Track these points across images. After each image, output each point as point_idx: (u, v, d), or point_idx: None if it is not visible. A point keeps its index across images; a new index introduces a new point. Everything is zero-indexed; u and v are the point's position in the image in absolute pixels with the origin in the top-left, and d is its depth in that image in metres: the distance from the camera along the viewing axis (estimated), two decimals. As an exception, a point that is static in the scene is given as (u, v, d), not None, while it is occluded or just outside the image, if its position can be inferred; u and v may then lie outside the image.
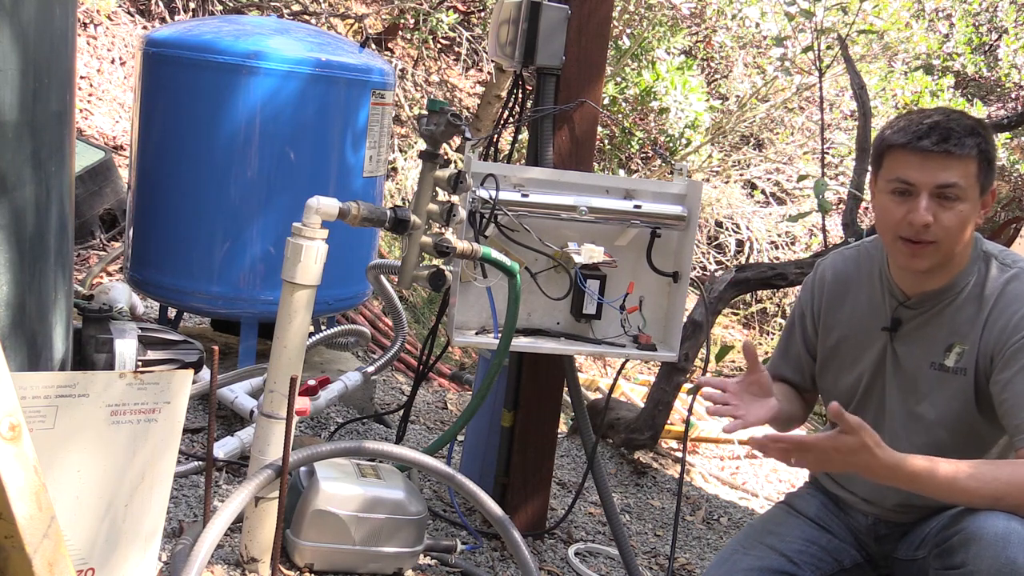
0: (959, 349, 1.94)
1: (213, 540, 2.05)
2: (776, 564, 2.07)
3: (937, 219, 1.87)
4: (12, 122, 1.86)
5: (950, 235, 1.88)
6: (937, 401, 1.97)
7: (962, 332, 1.94)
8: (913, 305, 2.01)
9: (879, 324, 2.05)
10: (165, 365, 2.64)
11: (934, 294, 1.98)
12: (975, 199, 1.89)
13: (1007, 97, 10.43)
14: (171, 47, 3.36)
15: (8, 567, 1.33)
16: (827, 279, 2.17)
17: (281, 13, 7.11)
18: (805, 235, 9.35)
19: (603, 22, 2.89)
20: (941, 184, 1.86)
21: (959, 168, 1.86)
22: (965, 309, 1.95)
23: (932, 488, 1.77)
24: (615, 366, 6.94)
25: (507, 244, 2.69)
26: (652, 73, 8.32)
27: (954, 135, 1.85)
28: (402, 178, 7.59)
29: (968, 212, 1.88)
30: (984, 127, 1.89)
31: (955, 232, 1.88)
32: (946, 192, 1.86)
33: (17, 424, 1.32)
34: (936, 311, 1.98)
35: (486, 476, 3.02)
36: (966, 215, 1.88)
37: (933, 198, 1.87)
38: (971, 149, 1.86)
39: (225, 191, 3.34)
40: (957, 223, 1.88)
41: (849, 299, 2.12)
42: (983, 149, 1.88)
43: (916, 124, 1.89)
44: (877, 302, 2.07)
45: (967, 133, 1.86)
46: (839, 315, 2.14)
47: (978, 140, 1.87)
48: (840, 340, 2.13)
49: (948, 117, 1.89)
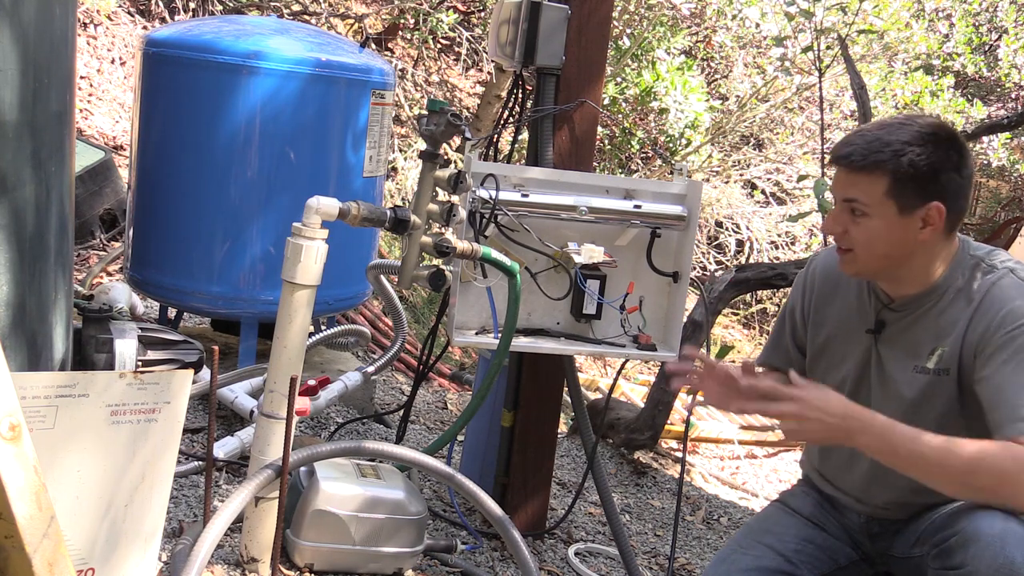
0: (941, 351, 1.94)
1: (213, 540, 2.05)
2: (774, 564, 2.08)
3: (847, 231, 1.93)
4: (12, 122, 1.86)
5: (861, 246, 1.92)
6: (921, 404, 1.97)
7: (945, 334, 1.94)
8: (897, 308, 2.01)
9: (864, 326, 2.06)
10: (165, 365, 2.64)
11: (915, 298, 1.97)
12: (889, 215, 1.88)
13: (1007, 97, 10.43)
14: (171, 47, 3.36)
15: (8, 567, 1.33)
16: (818, 276, 2.18)
17: (281, 13, 7.11)
18: (805, 235, 9.35)
19: (603, 22, 2.89)
20: (846, 199, 1.92)
21: (863, 185, 1.88)
22: (948, 313, 1.94)
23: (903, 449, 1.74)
24: (615, 366, 6.94)
25: (507, 244, 2.69)
26: (652, 73, 8.32)
27: (870, 153, 1.86)
28: (402, 178, 7.59)
29: (880, 227, 1.89)
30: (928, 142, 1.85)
31: (865, 244, 1.92)
32: (852, 207, 1.91)
33: (17, 424, 1.32)
34: (919, 314, 1.98)
35: (486, 476, 3.03)
36: (877, 230, 1.89)
37: (845, 211, 1.93)
38: (882, 166, 1.85)
39: (225, 191, 3.34)
40: (865, 237, 1.91)
41: (838, 298, 2.13)
42: (895, 167, 1.84)
43: (849, 138, 1.94)
44: (863, 303, 2.08)
45: (889, 150, 1.85)
46: (828, 313, 2.14)
47: (901, 158, 1.84)
48: (828, 338, 2.14)
49: (879, 132, 1.89)
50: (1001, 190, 10.99)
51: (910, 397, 1.98)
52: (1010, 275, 1.90)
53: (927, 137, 1.86)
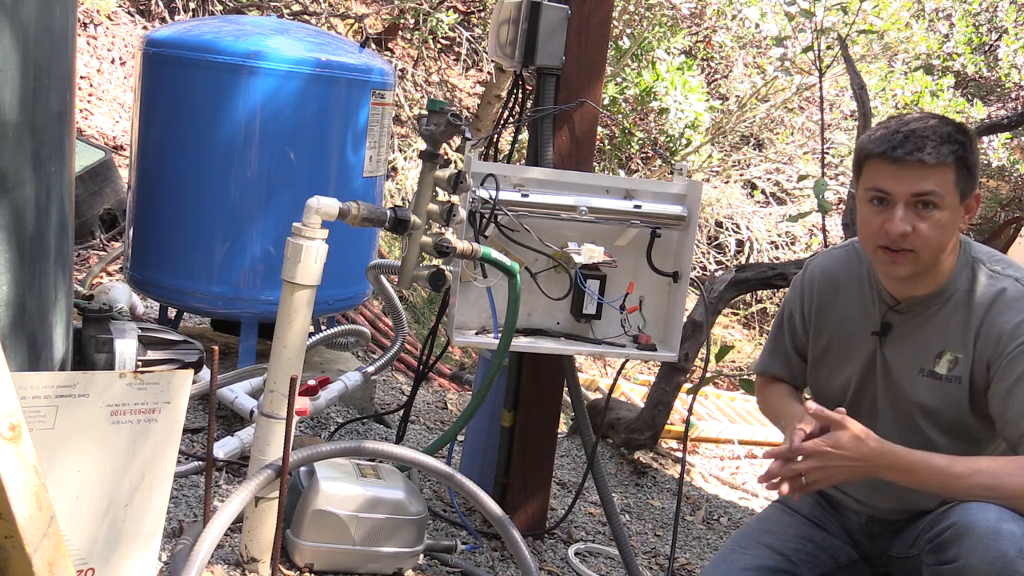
0: (951, 357, 1.94)
1: (213, 540, 2.05)
2: (774, 563, 2.08)
3: (915, 228, 1.86)
4: (12, 122, 1.86)
5: (929, 244, 1.87)
6: (929, 406, 1.97)
7: (953, 339, 1.94)
8: (903, 310, 2.00)
9: (869, 328, 2.05)
10: (165, 365, 2.65)
11: (922, 300, 1.97)
12: (955, 206, 1.87)
13: (1007, 97, 10.43)
14: (171, 47, 3.36)
15: (8, 567, 1.33)
16: (816, 280, 2.16)
17: (281, 13, 7.11)
18: (805, 235, 9.36)
19: (603, 22, 2.89)
20: (917, 193, 1.85)
21: (935, 176, 1.84)
22: (955, 316, 1.94)
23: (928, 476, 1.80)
24: (615, 366, 6.95)
25: (507, 244, 2.69)
26: (652, 73, 8.32)
27: (929, 143, 1.84)
28: (402, 178, 7.59)
29: (947, 219, 1.87)
30: (964, 132, 1.87)
31: (934, 240, 1.87)
32: (923, 200, 1.85)
33: (17, 424, 1.32)
34: (925, 317, 1.97)
35: (486, 476, 3.03)
36: (945, 223, 1.87)
37: (910, 207, 1.86)
38: (947, 156, 1.84)
39: (225, 191, 3.34)
40: (936, 231, 1.87)
41: (840, 300, 2.11)
42: (961, 155, 1.85)
43: (892, 132, 1.87)
44: (867, 305, 2.06)
45: (943, 140, 1.85)
46: (830, 316, 2.13)
47: (955, 147, 1.85)
48: (831, 341, 2.13)
49: (925, 124, 1.87)
50: (1001, 190, 10.98)
51: (917, 400, 1.98)
52: (1016, 284, 1.90)
53: (962, 129, 1.88)
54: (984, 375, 1.89)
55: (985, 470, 1.79)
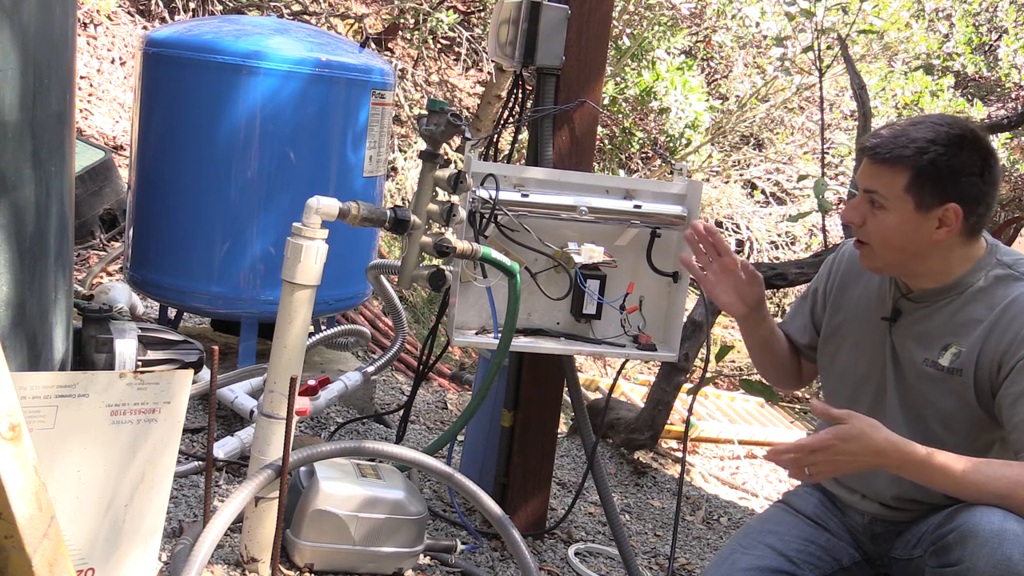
0: (955, 349, 1.94)
1: (213, 540, 2.05)
2: (775, 564, 2.08)
3: (866, 222, 1.93)
4: (12, 122, 1.86)
5: (876, 240, 1.92)
6: (932, 398, 1.97)
7: (961, 333, 1.94)
8: (915, 299, 2.02)
9: (880, 313, 2.07)
10: (165, 365, 2.64)
11: (934, 292, 1.98)
12: (905, 211, 1.88)
13: (1007, 97, 10.43)
14: (171, 47, 3.36)
15: (8, 567, 1.33)
16: (845, 260, 2.20)
17: (281, 13, 7.11)
18: (805, 235, 9.36)
19: (603, 22, 2.89)
20: (866, 189, 1.92)
21: (883, 177, 1.88)
22: (966, 311, 1.94)
23: (938, 475, 1.78)
24: (615, 366, 6.94)
25: (507, 244, 2.69)
26: (652, 73, 8.33)
27: (891, 145, 1.86)
28: (402, 178, 7.59)
29: (894, 222, 1.89)
30: (949, 142, 1.85)
31: (879, 238, 1.91)
32: (871, 198, 1.91)
33: (17, 424, 1.32)
34: (935, 308, 1.98)
35: (486, 476, 3.03)
36: (891, 225, 1.89)
37: (865, 201, 1.93)
38: (907, 160, 1.85)
39: (225, 191, 3.34)
40: (881, 230, 1.91)
41: (861, 284, 2.15)
42: (923, 164, 1.84)
43: (878, 131, 1.93)
44: (883, 291, 2.09)
45: (907, 144, 1.85)
46: (847, 297, 2.16)
47: (921, 155, 1.84)
48: (844, 321, 2.15)
49: (911, 126, 1.89)
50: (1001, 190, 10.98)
51: (918, 388, 1.99)
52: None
53: (954, 139, 1.86)
54: (994, 372, 1.88)
55: (1000, 477, 1.76)
